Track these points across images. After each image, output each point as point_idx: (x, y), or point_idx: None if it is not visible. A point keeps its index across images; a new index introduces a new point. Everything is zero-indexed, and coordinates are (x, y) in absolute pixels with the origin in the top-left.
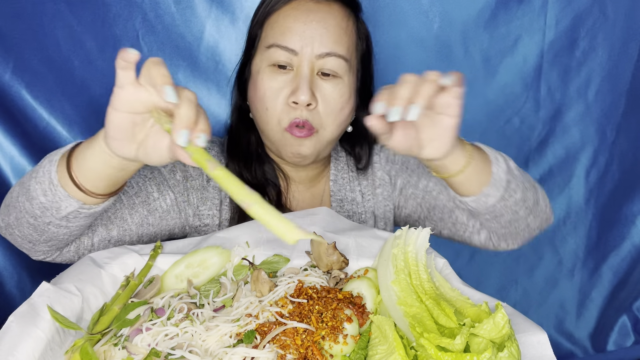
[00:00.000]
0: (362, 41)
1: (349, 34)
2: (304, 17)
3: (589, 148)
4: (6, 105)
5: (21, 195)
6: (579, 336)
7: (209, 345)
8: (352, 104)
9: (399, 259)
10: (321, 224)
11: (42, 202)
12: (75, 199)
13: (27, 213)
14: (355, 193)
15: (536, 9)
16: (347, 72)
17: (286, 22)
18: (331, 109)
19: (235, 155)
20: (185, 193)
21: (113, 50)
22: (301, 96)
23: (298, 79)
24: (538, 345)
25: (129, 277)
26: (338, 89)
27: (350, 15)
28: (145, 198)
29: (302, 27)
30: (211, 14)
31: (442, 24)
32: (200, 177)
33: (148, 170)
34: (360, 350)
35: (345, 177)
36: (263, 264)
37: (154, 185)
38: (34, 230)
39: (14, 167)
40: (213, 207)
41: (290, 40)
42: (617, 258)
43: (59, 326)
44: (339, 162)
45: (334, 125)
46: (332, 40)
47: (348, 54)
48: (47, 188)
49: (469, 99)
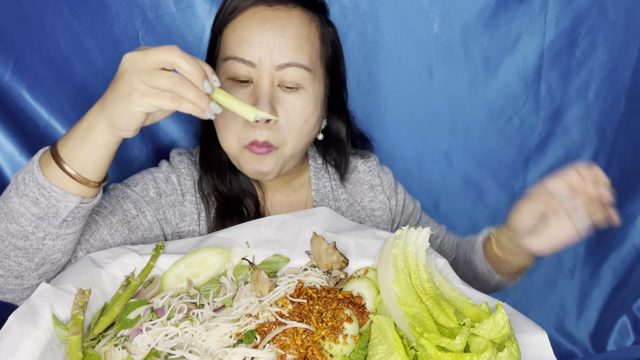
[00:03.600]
0: (327, 46)
1: (310, 40)
2: (260, 27)
3: (589, 148)
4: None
5: (0, 223)
6: (579, 336)
7: (209, 345)
8: (317, 114)
9: (399, 259)
10: (321, 224)
11: (35, 214)
12: (73, 194)
13: (14, 237)
14: (340, 202)
15: (536, 9)
16: (311, 82)
17: (242, 33)
18: (293, 122)
19: (208, 166)
20: (161, 211)
21: (113, 50)
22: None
23: (257, 92)
24: (538, 345)
25: (129, 277)
26: (301, 101)
27: (312, 19)
28: (123, 216)
29: (259, 38)
30: (211, 14)
31: (442, 24)
32: (174, 193)
33: (119, 191)
34: (360, 350)
35: (327, 186)
36: (263, 264)
37: (129, 203)
38: (24, 255)
39: (14, 167)
40: (192, 222)
41: (247, 52)
42: (617, 258)
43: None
44: (318, 170)
45: (296, 139)
46: (291, 50)
47: (310, 62)
48: (39, 195)
49: (469, 99)
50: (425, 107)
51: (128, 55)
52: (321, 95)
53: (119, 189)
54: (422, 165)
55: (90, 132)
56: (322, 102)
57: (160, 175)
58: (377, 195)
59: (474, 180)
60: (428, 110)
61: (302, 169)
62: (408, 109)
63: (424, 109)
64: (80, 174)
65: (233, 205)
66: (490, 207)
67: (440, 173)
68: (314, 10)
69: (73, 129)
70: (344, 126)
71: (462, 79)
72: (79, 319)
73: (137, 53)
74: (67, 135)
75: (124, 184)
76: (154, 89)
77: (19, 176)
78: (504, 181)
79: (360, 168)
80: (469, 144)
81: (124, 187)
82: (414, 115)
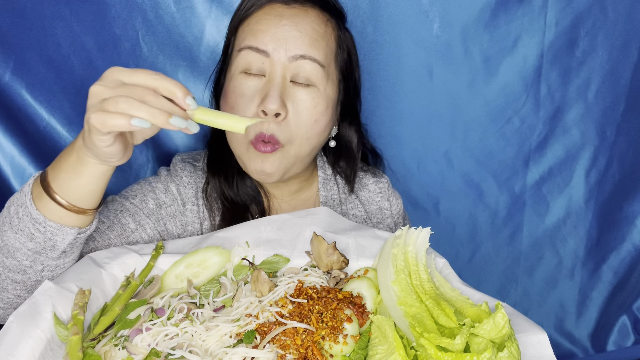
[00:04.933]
0: (343, 51)
1: (326, 39)
2: (276, 21)
3: (589, 148)
4: (6, 105)
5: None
6: (579, 336)
7: (209, 345)
8: (328, 117)
9: (399, 259)
10: (321, 224)
11: (31, 249)
12: (70, 226)
13: (10, 271)
14: (349, 217)
15: (536, 9)
16: (324, 81)
17: (258, 25)
18: (303, 120)
19: (216, 170)
20: (162, 222)
21: (113, 50)
22: (270, 105)
23: (269, 85)
24: (538, 345)
25: (129, 277)
26: (312, 99)
27: (329, 21)
28: (121, 231)
29: (274, 29)
30: (211, 14)
31: (442, 24)
32: (174, 203)
33: (117, 204)
34: (360, 350)
35: (336, 199)
36: (263, 264)
37: (128, 217)
38: (23, 288)
39: (14, 167)
40: (194, 231)
41: (262, 40)
42: (617, 258)
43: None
44: (327, 181)
45: (304, 138)
46: (306, 43)
47: (325, 60)
48: (34, 230)
49: (469, 99)
50: (425, 107)
51: (91, 89)
52: (333, 97)
53: (117, 201)
54: (422, 165)
55: (82, 165)
56: (334, 105)
57: (160, 185)
58: (384, 219)
59: (474, 180)
60: (428, 110)
61: (310, 179)
62: (408, 109)
63: (424, 109)
64: (76, 205)
65: (239, 211)
66: (490, 207)
67: (440, 173)
68: (331, 14)
69: (62, 160)
70: (356, 136)
71: (462, 79)
72: (79, 319)
73: (97, 87)
74: (58, 166)
75: (122, 196)
76: (102, 113)
77: (12, 208)
78: (504, 181)
79: (371, 187)
80: (469, 144)
81: (122, 199)
82: (414, 115)
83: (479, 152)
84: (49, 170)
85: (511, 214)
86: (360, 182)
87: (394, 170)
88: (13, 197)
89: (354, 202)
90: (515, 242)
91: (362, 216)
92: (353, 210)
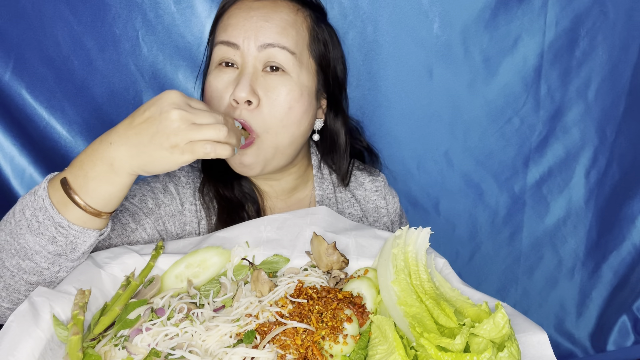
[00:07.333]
0: (319, 41)
1: (296, 28)
2: (244, 14)
3: (589, 148)
4: (6, 105)
5: (10, 259)
6: (579, 336)
7: (209, 345)
8: (304, 105)
9: (399, 259)
10: (321, 223)
11: (51, 251)
12: (92, 228)
13: (26, 273)
14: (345, 215)
15: (536, 9)
16: (297, 68)
17: (229, 20)
18: (277, 108)
19: (211, 170)
20: (161, 222)
21: (113, 50)
22: (239, 92)
23: (240, 75)
24: (538, 345)
25: (129, 277)
26: (284, 86)
27: (299, 10)
28: (121, 231)
29: (243, 22)
30: (211, 14)
31: (442, 24)
32: (173, 203)
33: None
34: (360, 350)
35: (332, 198)
36: (263, 264)
37: (128, 217)
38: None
39: (14, 167)
40: (193, 231)
41: (232, 34)
42: (617, 258)
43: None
44: (323, 180)
45: (279, 126)
46: (274, 32)
47: (295, 47)
48: (56, 233)
49: (469, 99)
50: (425, 107)
51: (174, 104)
52: (309, 85)
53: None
54: (422, 165)
55: (117, 176)
56: (311, 94)
57: (158, 185)
58: (381, 217)
59: (474, 180)
60: (428, 110)
61: (305, 177)
62: (408, 109)
63: (424, 109)
64: (102, 210)
65: (234, 210)
66: (490, 207)
67: (440, 173)
68: (302, 4)
69: (88, 168)
70: (343, 129)
71: (462, 79)
72: (79, 319)
73: (186, 113)
74: (83, 174)
75: None
76: (212, 143)
77: (27, 212)
78: (504, 181)
79: (367, 186)
80: (469, 144)
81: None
82: (414, 115)
83: (479, 152)
84: (69, 178)
85: (511, 214)
86: (356, 180)
87: (394, 170)
88: (24, 200)
89: (350, 200)
90: (515, 242)
91: (359, 215)
92: (349, 209)
